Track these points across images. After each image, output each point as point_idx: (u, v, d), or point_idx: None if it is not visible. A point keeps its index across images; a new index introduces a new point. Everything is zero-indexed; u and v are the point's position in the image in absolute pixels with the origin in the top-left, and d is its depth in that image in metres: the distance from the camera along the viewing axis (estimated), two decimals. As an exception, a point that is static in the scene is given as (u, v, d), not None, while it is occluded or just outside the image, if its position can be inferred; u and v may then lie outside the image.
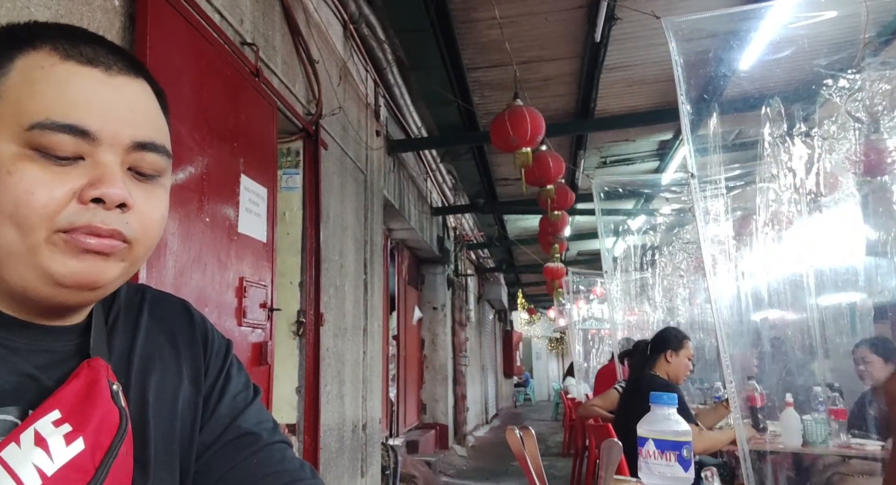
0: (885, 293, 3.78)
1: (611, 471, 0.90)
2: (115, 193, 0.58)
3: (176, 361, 0.72)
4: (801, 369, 3.72)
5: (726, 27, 3.14)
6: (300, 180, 3.51)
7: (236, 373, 0.77)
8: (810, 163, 3.55)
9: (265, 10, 3.09)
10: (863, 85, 3.26)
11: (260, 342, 2.78)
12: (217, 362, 0.76)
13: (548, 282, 9.58)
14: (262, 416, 0.76)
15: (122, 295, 0.72)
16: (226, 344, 0.79)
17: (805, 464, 3.41)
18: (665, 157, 7.82)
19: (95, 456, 0.57)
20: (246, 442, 0.72)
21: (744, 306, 3.88)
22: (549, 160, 4.80)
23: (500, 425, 13.67)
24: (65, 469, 0.55)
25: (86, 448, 0.57)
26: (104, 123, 0.59)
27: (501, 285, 14.93)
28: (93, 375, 0.61)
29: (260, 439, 0.73)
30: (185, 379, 0.71)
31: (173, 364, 0.71)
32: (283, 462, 0.72)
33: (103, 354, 0.65)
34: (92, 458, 0.57)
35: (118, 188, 0.59)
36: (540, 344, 24.86)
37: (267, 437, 0.74)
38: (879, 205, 3.54)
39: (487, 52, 5.16)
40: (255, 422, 0.74)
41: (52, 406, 0.57)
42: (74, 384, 0.60)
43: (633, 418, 1.21)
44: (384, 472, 4.84)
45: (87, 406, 0.59)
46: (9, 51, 0.60)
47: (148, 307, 0.73)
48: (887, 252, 3.51)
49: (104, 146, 0.59)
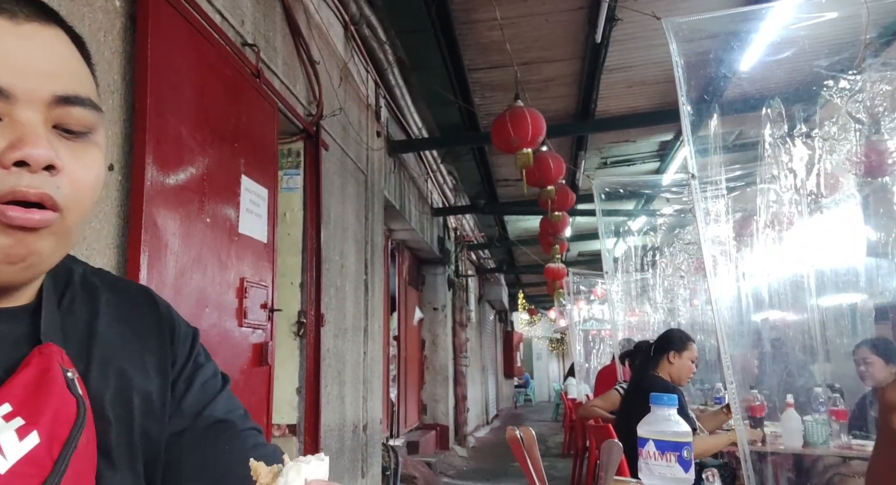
0: (885, 294, 3.78)
1: (611, 472, 0.90)
2: (39, 153, 0.53)
3: (139, 350, 0.67)
4: (801, 369, 3.72)
5: (727, 28, 3.14)
6: (301, 181, 3.52)
7: (204, 361, 0.74)
8: (811, 164, 3.55)
9: (266, 11, 3.09)
10: (863, 86, 3.26)
11: (260, 343, 2.78)
12: (184, 351, 0.72)
13: (548, 283, 9.58)
14: (233, 404, 0.73)
15: (78, 277, 0.67)
16: (192, 332, 0.75)
17: (806, 465, 3.41)
18: (666, 157, 7.82)
19: (53, 449, 0.54)
20: (217, 430, 0.69)
21: (744, 307, 3.88)
22: (550, 161, 4.80)
23: (501, 425, 13.67)
24: (20, 465, 0.51)
25: (41, 442, 0.53)
26: (16, 79, 0.53)
27: (502, 286, 14.93)
28: (45, 362, 0.56)
29: (232, 426, 0.70)
30: (149, 369, 0.67)
31: (136, 353, 0.67)
32: (256, 449, 0.69)
33: (57, 340, 0.60)
34: (49, 451, 0.53)
35: (43, 148, 0.53)
36: (540, 345, 24.85)
37: (239, 424, 0.71)
38: (880, 206, 3.54)
39: (488, 53, 5.17)
40: (226, 410, 0.71)
41: (0, 399, 0.53)
42: (25, 374, 0.55)
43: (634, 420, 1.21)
44: (385, 472, 4.84)
45: (39, 397, 0.54)
46: None
47: (108, 293, 0.68)
48: (888, 253, 3.51)
49: (21, 104, 0.53)
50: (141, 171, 1.97)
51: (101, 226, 1.86)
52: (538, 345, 24.85)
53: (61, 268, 0.64)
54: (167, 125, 2.12)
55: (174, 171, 2.15)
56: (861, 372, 3.43)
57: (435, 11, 4.34)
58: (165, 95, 2.11)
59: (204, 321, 2.32)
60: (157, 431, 0.66)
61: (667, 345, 3.25)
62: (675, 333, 3.37)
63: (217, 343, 2.41)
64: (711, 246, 3.39)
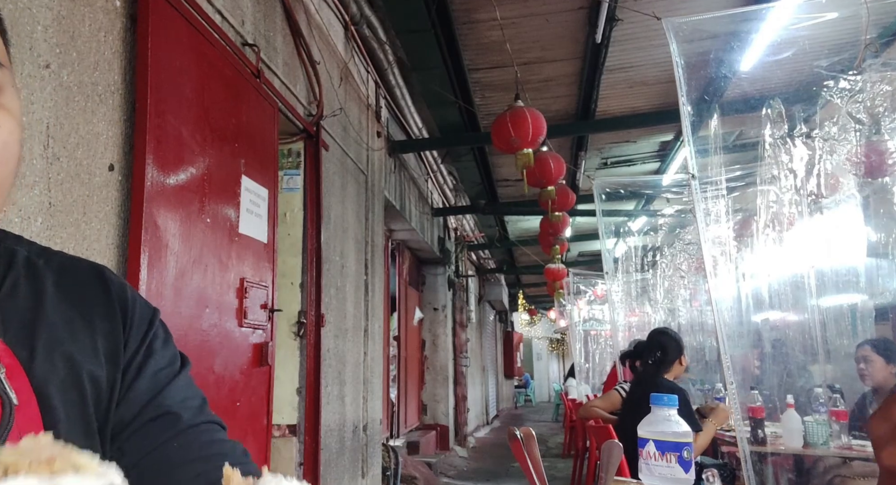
0: (886, 295, 3.78)
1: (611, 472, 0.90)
2: None
3: (90, 335, 0.61)
4: (802, 370, 3.72)
5: (727, 28, 3.14)
6: (301, 181, 3.52)
7: (161, 346, 0.66)
8: (811, 164, 3.55)
9: (266, 11, 3.09)
10: (863, 86, 3.26)
11: (261, 343, 2.78)
12: (138, 334, 0.65)
13: (548, 283, 9.58)
14: (188, 392, 0.65)
15: (22, 258, 0.61)
16: (150, 313, 0.67)
17: (806, 466, 3.41)
18: (666, 158, 7.82)
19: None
20: (166, 423, 0.61)
21: (745, 308, 3.88)
22: (550, 161, 4.80)
23: (501, 426, 13.67)
24: None
25: None
26: None
27: (502, 286, 14.93)
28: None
29: (180, 419, 0.62)
30: (100, 355, 0.61)
31: (86, 338, 0.61)
32: (209, 446, 0.62)
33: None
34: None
35: None
36: (541, 345, 24.85)
37: (189, 417, 0.63)
38: (880, 206, 3.54)
39: (488, 53, 5.17)
40: (180, 400, 0.63)
41: None
42: None
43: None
44: (385, 473, 4.84)
45: None
46: None
47: (54, 274, 0.62)
48: (888, 253, 3.51)
49: None
50: (141, 171, 1.97)
51: (102, 226, 1.86)
52: (538, 345, 24.85)
53: (2, 249, 0.61)
54: (167, 125, 2.12)
55: (174, 171, 2.16)
56: (861, 370, 3.43)
57: (435, 11, 4.34)
58: (166, 95, 2.11)
59: (204, 321, 2.32)
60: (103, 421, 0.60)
61: (677, 348, 3.28)
62: (674, 335, 3.38)
63: (217, 343, 2.41)
64: (712, 246, 3.39)
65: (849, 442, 3.19)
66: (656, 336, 3.42)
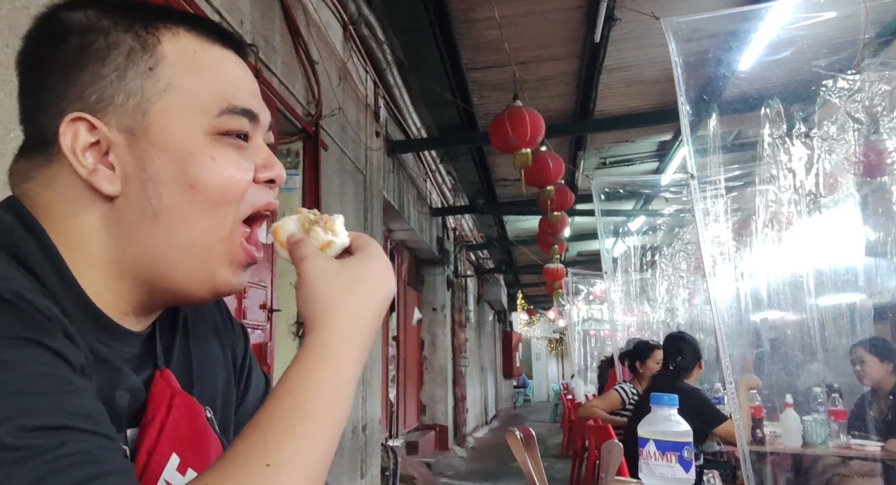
0: (884, 294, 3.79)
1: (612, 472, 0.90)
2: (282, 174, 0.61)
3: (224, 353, 0.70)
4: (800, 369, 3.72)
5: (726, 28, 3.14)
6: (300, 181, 3.51)
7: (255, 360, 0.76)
8: (810, 164, 3.55)
9: (264, 10, 3.08)
10: (862, 86, 3.26)
11: (260, 343, 2.78)
12: (245, 346, 0.74)
13: (547, 283, 9.58)
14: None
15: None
16: (243, 327, 0.77)
17: (805, 465, 3.40)
18: (664, 157, 7.82)
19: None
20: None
21: (743, 307, 3.88)
22: (549, 161, 4.80)
23: (500, 426, 13.67)
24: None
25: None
26: (259, 106, 0.61)
27: (501, 286, 14.93)
28: (186, 402, 0.59)
29: None
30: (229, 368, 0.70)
31: (221, 356, 0.69)
32: None
33: (164, 360, 0.62)
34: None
35: (282, 168, 0.62)
36: (539, 345, 24.85)
37: None
38: (879, 205, 3.55)
39: (486, 52, 5.16)
40: None
41: (168, 449, 0.55)
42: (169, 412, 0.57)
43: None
44: (384, 473, 4.84)
45: (201, 446, 0.58)
46: (146, 36, 0.56)
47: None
48: (887, 253, 3.51)
49: (260, 128, 0.61)
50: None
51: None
52: (537, 345, 24.85)
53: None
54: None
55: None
56: (857, 372, 3.44)
57: (433, 11, 4.33)
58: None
59: (202, 322, 2.31)
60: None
61: (695, 353, 3.33)
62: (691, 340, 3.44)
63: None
64: (710, 246, 3.38)
65: (847, 441, 3.19)
66: (675, 342, 3.43)
